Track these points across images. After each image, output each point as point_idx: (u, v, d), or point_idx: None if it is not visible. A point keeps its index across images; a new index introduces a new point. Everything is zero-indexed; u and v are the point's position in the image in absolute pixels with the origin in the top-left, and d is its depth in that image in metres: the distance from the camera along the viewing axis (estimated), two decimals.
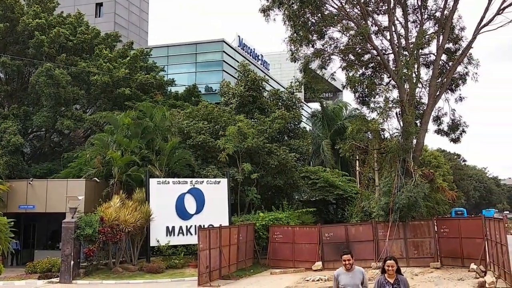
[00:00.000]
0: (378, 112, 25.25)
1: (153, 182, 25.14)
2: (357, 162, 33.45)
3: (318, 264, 23.98)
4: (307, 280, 20.88)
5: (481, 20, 24.86)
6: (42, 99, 30.44)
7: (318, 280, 20.78)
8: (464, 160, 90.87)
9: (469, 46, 25.75)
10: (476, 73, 26.49)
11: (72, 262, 21.78)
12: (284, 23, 25.27)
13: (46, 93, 29.55)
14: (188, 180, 26.28)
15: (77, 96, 31.70)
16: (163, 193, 25.08)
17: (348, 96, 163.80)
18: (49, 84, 29.31)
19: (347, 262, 8.14)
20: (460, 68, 26.83)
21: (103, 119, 29.68)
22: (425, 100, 26.51)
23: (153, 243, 24.68)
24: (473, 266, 20.49)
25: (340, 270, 8.32)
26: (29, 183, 26.50)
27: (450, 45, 27.26)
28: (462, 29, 27.04)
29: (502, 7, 24.31)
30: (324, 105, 44.75)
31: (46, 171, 30.27)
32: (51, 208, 25.67)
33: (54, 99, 30.03)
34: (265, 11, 25.58)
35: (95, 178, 26.23)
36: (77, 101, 32.87)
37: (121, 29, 46.15)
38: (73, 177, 27.17)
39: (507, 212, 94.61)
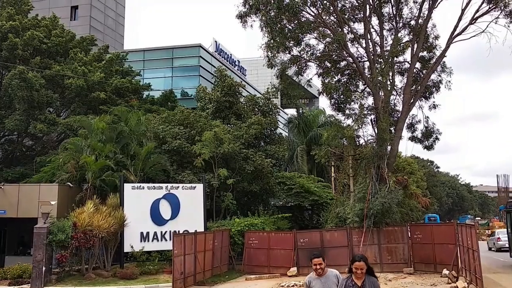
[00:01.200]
0: (353, 118, 25.53)
1: (127, 187, 24.86)
2: (332, 168, 33.65)
3: (293, 270, 24.02)
4: (282, 286, 20.88)
5: (455, 29, 25.38)
6: (15, 102, 29.94)
7: (292, 286, 20.79)
8: (437, 167, 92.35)
9: (442, 54, 26.24)
10: (449, 81, 27.15)
11: (43, 268, 21.37)
12: (262, 29, 25.39)
13: (19, 96, 29.07)
14: (164, 185, 26.06)
15: (51, 99, 31.27)
16: (138, 199, 24.80)
17: (324, 103, 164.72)
18: (22, 87, 28.85)
19: (318, 267, 7.39)
20: (433, 76, 27.36)
21: (77, 123, 29.28)
22: (399, 107, 26.90)
23: (127, 249, 24.38)
24: (445, 271, 20.79)
25: (311, 276, 7.57)
26: (0, 187, 25.95)
27: (425, 53, 27.73)
28: (436, 37, 27.56)
29: (475, 17, 24.86)
30: (301, 111, 45.03)
31: (18, 176, 29.73)
32: (23, 213, 25.14)
33: (27, 102, 29.57)
34: (242, 17, 25.62)
35: (68, 183, 25.83)
36: (50, 104, 32.42)
37: (96, 32, 45.75)
38: (46, 181, 26.72)
39: (479, 218, 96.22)
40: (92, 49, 36.61)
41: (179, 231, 23.88)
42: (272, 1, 24.45)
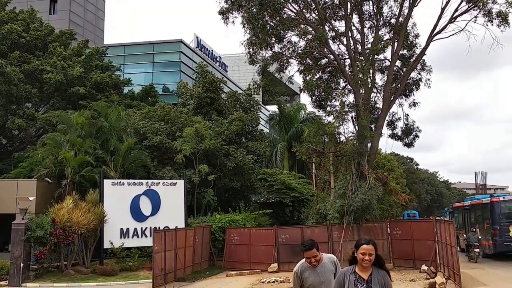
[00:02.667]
0: (334, 115, 25.59)
1: (107, 183, 24.64)
2: (313, 164, 33.83)
3: (274, 266, 24.09)
4: (263, 282, 20.94)
5: (434, 27, 25.62)
6: None
7: (273, 281, 20.87)
8: (417, 164, 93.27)
9: (422, 52, 26.49)
10: (429, 79, 27.47)
11: (21, 265, 21.10)
12: (243, 26, 25.29)
13: None
14: (144, 181, 25.91)
15: (30, 94, 30.85)
16: (118, 195, 24.61)
17: (305, 99, 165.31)
18: (0, 81, 28.39)
19: (313, 260, 6.12)
20: (413, 74, 27.59)
21: (56, 118, 28.92)
22: (380, 105, 27.09)
23: (106, 245, 24.19)
24: (424, 267, 21.04)
25: (303, 265, 6.25)
26: None
27: (405, 51, 27.94)
28: (417, 36, 27.79)
29: (454, 15, 25.11)
30: (282, 107, 45.13)
31: None
32: (0, 209, 24.77)
33: (5, 97, 29.15)
34: (224, 13, 25.51)
35: (47, 179, 25.54)
36: (29, 99, 31.98)
37: (76, 27, 45.20)
38: (24, 177, 26.40)
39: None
40: (71, 44, 36.17)
41: (159, 227, 23.79)
42: None
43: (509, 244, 24.44)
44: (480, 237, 26.14)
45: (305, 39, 26.17)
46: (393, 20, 27.41)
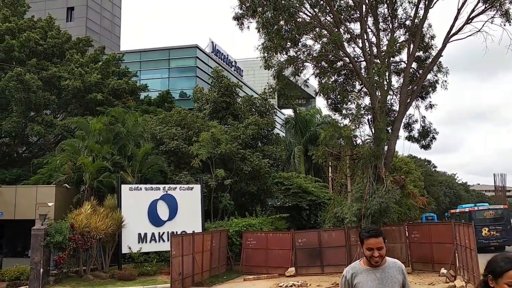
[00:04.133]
0: (350, 118, 25.51)
1: (125, 188, 24.84)
2: (330, 168, 33.69)
3: (291, 270, 24.03)
4: (280, 286, 20.89)
5: (451, 29, 25.43)
6: (12, 104, 29.88)
7: (291, 286, 20.81)
8: (435, 166, 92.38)
9: (439, 54, 26.29)
10: (445, 81, 27.22)
11: (41, 270, 21.32)
12: (258, 31, 25.32)
13: (16, 98, 29.02)
14: (161, 186, 26.05)
15: (48, 101, 31.20)
16: (135, 200, 24.80)
17: (321, 103, 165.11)
18: (19, 89, 28.80)
19: (376, 253, 4.45)
20: (430, 76, 27.41)
21: (74, 124, 29.24)
22: (396, 107, 26.95)
23: (124, 250, 24.36)
24: (443, 270, 20.82)
25: (356, 267, 4.64)
26: None
27: (421, 53, 27.77)
28: (432, 37, 27.59)
29: (471, 16, 24.92)
30: (297, 111, 45.08)
31: (15, 177, 29.65)
32: (20, 215, 25.13)
33: (25, 104, 29.52)
34: (239, 19, 25.59)
35: (66, 185, 25.81)
36: (47, 106, 32.35)
37: (92, 33, 45.66)
38: (43, 183, 26.68)
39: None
40: (88, 50, 36.54)
41: (177, 232, 23.86)
42: (269, 3, 24.43)
43: (482, 241, 30.11)
44: None
45: (320, 42, 26.18)
46: (408, 22, 27.27)
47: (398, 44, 26.41)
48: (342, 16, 27.09)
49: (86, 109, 32.71)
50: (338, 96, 26.92)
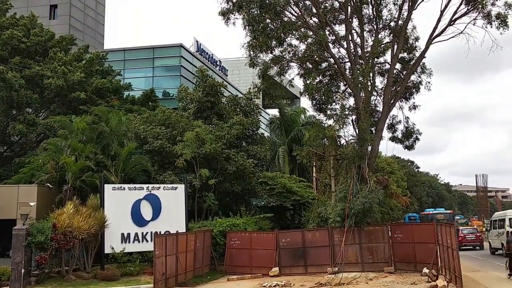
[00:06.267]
0: (335, 119, 25.64)
1: (108, 188, 24.63)
2: (314, 168, 33.80)
3: (275, 270, 24.06)
4: (264, 286, 20.91)
5: (434, 30, 25.68)
6: None
7: (275, 286, 20.84)
8: (418, 167, 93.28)
9: (422, 55, 26.54)
10: (429, 82, 27.55)
11: (23, 270, 21.07)
12: (244, 27, 25.28)
13: None
14: (145, 186, 25.89)
15: (30, 100, 30.84)
16: (119, 199, 24.60)
17: (305, 103, 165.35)
18: (1, 87, 28.46)
19: None
20: (413, 77, 27.68)
21: (57, 123, 28.92)
22: (380, 108, 27.13)
23: (107, 250, 24.16)
24: (425, 270, 21.00)
25: None
26: None
27: (405, 54, 28.00)
28: (416, 39, 27.83)
29: (453, 18, 25.18)
30: (283, 111, 45.17)
31: None
32: (1, 214, 24.71)
33: (6, 102, 29.16)
34: (225, 14, 25.58)
35: (48, 184, 25.52)
36: (30, 105, 31.96)
37: (76, 32, 45.28)
38: (25, 182, 26.34)
39: (458, 217, 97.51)
40: (71, 49, 36.18)
41: (160, 232, 23.78)
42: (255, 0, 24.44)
43: None
44: None
45: (306, 42, 26.24)
46: (392, 23, 27.48)
47: (382, 45, 26.57)
48: (328, 18, 27.17)
49: (69, 108, 32.37)
50: (323, 97, 27.00)
